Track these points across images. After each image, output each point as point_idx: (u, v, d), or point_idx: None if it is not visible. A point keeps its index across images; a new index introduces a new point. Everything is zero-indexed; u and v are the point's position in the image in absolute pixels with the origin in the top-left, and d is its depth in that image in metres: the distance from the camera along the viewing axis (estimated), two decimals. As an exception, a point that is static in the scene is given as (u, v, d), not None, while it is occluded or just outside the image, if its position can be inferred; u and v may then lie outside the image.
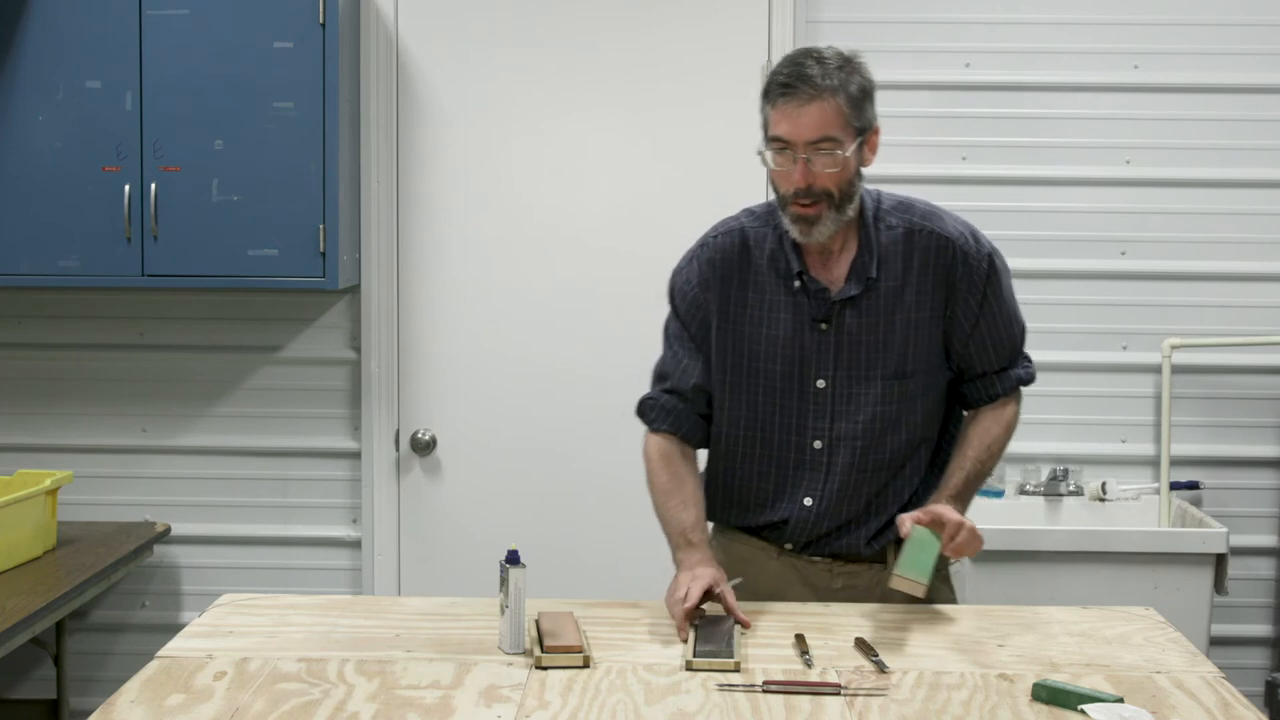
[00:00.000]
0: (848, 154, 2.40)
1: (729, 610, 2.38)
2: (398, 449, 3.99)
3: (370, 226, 3.92)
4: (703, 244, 2.59)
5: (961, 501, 2.52)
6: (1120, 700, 2.02)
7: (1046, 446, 3.95)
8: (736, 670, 2.15)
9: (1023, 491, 3.92)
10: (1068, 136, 3.90)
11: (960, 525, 2.39)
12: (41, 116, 3.64)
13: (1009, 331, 2.58)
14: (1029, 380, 2.64)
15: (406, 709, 2.01)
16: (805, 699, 2.05)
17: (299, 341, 3.98)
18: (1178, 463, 3.89)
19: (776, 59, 3.82)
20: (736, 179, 3.74)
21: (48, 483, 3.54)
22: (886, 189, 3.96)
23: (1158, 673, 2.18)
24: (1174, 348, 3.82)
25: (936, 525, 2.40)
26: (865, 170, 2.51)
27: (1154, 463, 3.91)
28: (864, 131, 2.44)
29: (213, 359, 3.98)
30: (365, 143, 3.89)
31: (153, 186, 3.63)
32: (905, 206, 2.56)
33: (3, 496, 3.41)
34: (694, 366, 2.57)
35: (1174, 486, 3.85)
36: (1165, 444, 3.83)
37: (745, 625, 2.36)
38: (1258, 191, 3.90)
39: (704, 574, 2.40)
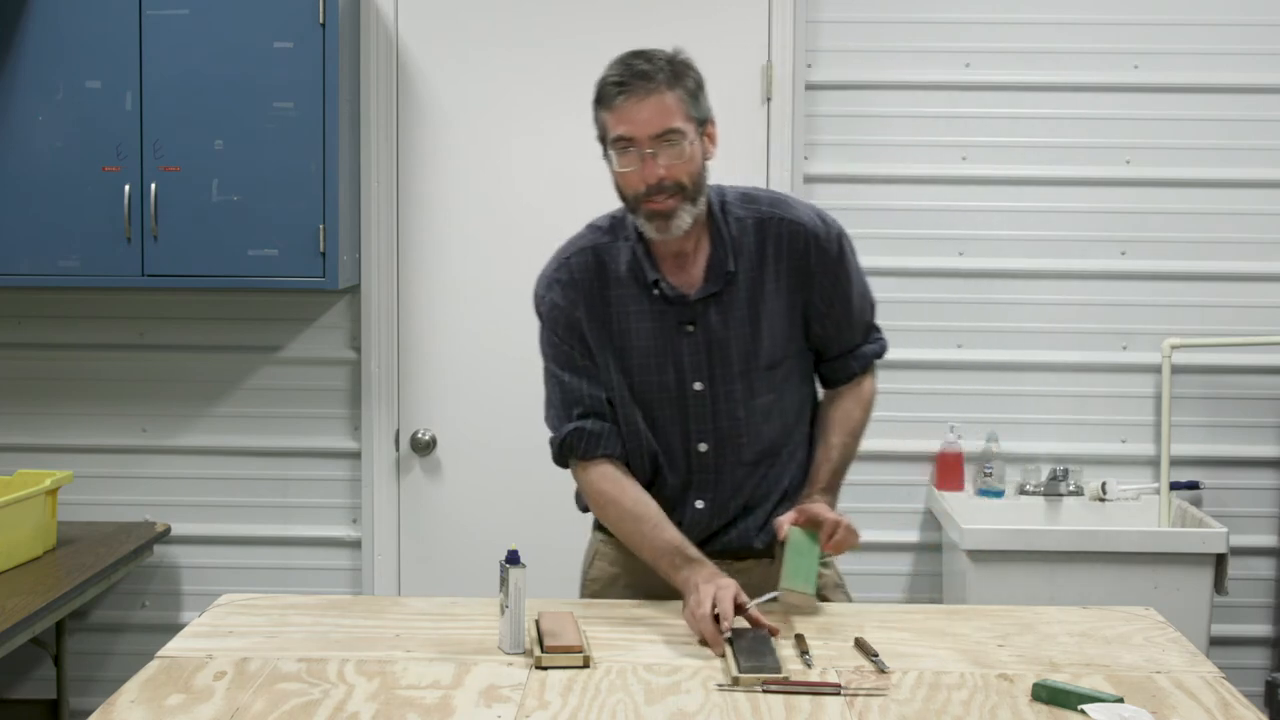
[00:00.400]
0: (692, 144, 2.39)
1: (756, 623, 2.31)
2: (398, 449, 3.99)
3: (370, 226, 3.92)
4: (557, 267, 2.56)
5: (832, 493, 2.53)
6: (1120, 700, 2.02)
7: (1046, 446, 3.95)
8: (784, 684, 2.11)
9: (1023, 491, 3.92)
10: (1068, 136, 3.90)
11: (836, 523, 2.40)
12: (41, 116, 3.64)
13: (861, 308, 2.60)
14: (882, 353, 2.67)
15: (406, 709, 2.01)
16: (805, 699, 2.05)
17: (299, 341, 3.98)
18: (1178, 463, 3.89)
19: (776, 59, 3.86)
20: (735, 178, 3.73)
21: (48, 483, 3.54)
22: (885, 188, 3.98)
23: (1158, 673, 2.18)
24: (1174, 348, 3.82)
25: (813, 525, 2.41)
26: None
27: (1154, 463, 3.91)
28: (703, 123, 2.43)
29: (213, 359, 3.98)
30: (365, 143, 3.89)
31: (153, 186, 3.63)
32: (750, 197, 2.55)
33: (3, 496, 3.41)
34: (596, 383, 2.53)
35: (1174, 486, 3.85)
36: (1165, 444, 3.83)
37: (774, 633, 2.30)
38: (1258, 191, 3.90)
39: (728, 584, 2.35)
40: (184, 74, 3.62)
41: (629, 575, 2.61)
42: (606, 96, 2.39)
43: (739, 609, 2.31)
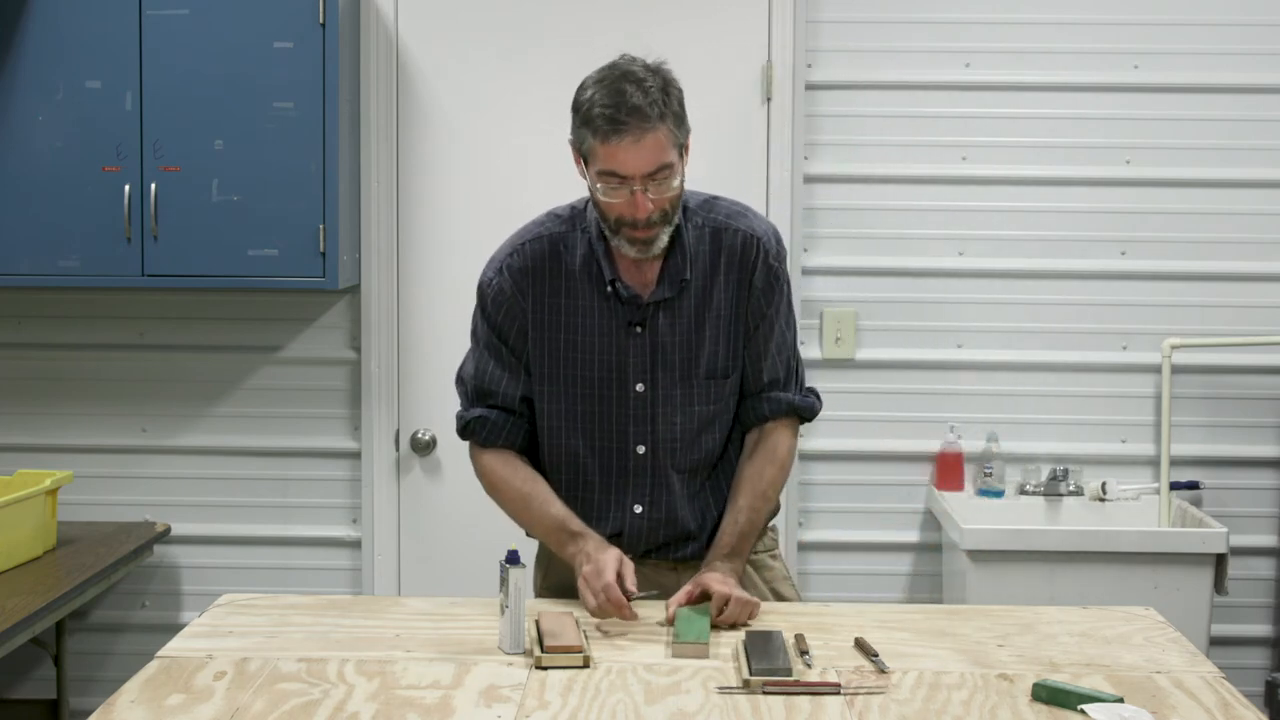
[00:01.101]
0: (678, 173, 2.37)
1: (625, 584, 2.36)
2: (398, 449, 3.99)
3: (370, 226, 3.92)
4: (512, 251, 2.54)
5: (737, 558, 2.48)
6: (1120, 700, 2.02)
7: (1046, 446, 3.95)
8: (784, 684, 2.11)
9: (1023, 491, 3.92)
10: (1068, 136, 3.90)
11: (726, 598, 2.35)
12: (41, 116, 3.64)
13: (783, 342, 2.55)
14: (806, 410, 2.59)
15: (406, 709, 2.01)
16: (805, 699, 2.05)
17: (299, 341, 3.98)
18: (1178, 463, 3.89)
19: (776, 59, 3.86)
20: (735, 178, 3.74)
21: (48, 483, 3.54)
22: (885, 188, 3.98)
23: (1158, 673, 2.19)
24: (1174, 348, 3.82)
25: (705, 598, 2.39)
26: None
27: (1154, 463, 3.91)
28: (684, 141, 2.40)
29: (213, 359, 3.98)
30: (365, 143, 3.89)
31: (153, 186, 3.63)
32: (710, 205, 2.53)
33: (3, 496, 3.41)
34: (515, 380, 2.53)
35: (1174, 486, 3.85)
36: (1165, 444, 3.83)
37: (634, 591, 2.36)
38: (1258, 191, 3.90)
39: (606, 561, 2.36)
40: (184, 74, 3.62)
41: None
42: (597, 129, 2.32)
43: (623, 588, 2.34)
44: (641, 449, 2.51)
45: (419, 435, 3.97)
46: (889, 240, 3.92)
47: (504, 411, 2.56)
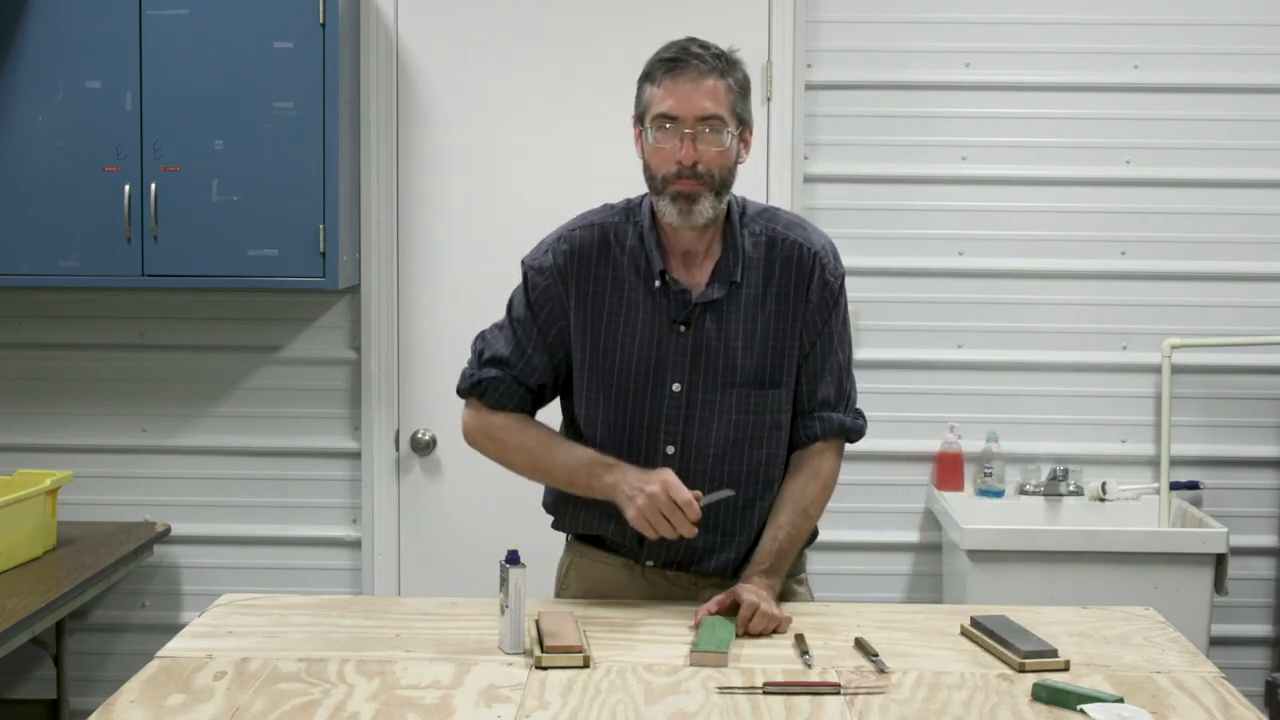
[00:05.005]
0: (731, 137, 2.39)
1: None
2: (398, 449, 3.99)
3: (370, 226, 3.92)
4: (559, 237, 2.53)
5: (775, 574, 2.46)
6: (1120, 700, 2.02)
7: (1046, 446, 3.95)
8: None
9: (1023, 491, 3.92)
10: (1068, 136, 3.90)
11: (753, 608, 2.34)
12: (41, 116, 3.64)
13: (837, 363, 2.52)
14: (854, 432, 2.56)
15: (406, 709, 2.01)
16: (805, 699, 2.05)
17: (299, 341, 3.98)
18: (1178, 463, 3.89)
19: (777, 59, 3.86)
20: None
21: (48, 483, 3.54)
22: (885, 188, 3.99)
23: (1158, 673, 2.19)
24: (1174, 348, 3.82)
25: (733, 610, 2.37)
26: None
27: (1154, 463, 3.91)
28: (744, 124, 2.43)
29: (213, 359, 3.99)
30: (365, 143, 3.89)
31: (153, 186, 3.63)
32: (770, 215, 2.52)
33: (3, 496, 3.41)
34: (538, 361, 2.51)
35: (1174, 486, 3.85)
36: (1165, 444, 3.83)
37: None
38: (1258, 191, 3.90)
39: (660, 472, 2.37)
40: (184, 74, 3.62)
41: (602, 591, 2.57)
42: (657, 73, 2.40)
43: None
44: (671, 449, 2.47)
45: (419, 435, 3.97)
46: (889, 240, 3.92)
47: (518, 383, 2.52)
